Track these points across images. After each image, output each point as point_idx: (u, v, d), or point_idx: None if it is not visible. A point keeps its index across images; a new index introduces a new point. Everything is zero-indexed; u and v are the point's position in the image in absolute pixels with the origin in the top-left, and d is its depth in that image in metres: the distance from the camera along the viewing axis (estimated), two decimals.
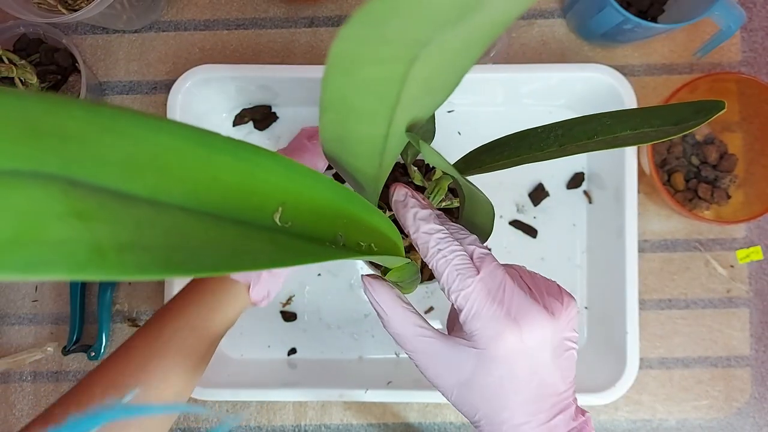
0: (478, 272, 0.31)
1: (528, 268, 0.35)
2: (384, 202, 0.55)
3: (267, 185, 0.22)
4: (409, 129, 0.27)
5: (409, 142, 0.43)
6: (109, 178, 0.17)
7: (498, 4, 0.16)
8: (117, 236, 0.16)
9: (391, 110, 0.22)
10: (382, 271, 0.38)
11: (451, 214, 0.54)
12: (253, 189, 0.21)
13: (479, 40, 0.20)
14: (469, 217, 0.39)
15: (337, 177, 0.66)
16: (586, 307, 0.64)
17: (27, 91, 0.16)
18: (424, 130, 0.43)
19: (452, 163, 0.42)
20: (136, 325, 0.66)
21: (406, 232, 0.35)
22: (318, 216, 0.24)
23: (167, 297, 0.59)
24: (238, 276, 0.48)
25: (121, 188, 0.17)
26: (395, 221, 0.54)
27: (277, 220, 0.22)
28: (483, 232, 0.44)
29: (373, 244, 0.28)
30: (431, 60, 0.19)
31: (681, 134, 0.30)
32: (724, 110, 0.30)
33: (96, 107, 0.17)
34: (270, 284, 0.51)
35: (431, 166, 0.55)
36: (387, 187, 0.55)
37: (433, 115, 0.43)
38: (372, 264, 0.54)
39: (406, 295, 0.57)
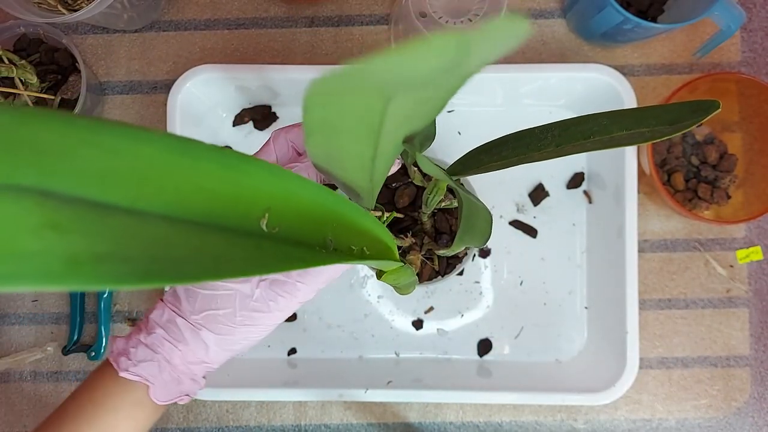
0: None
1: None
2: (380, 203, 0.55)
3: (252, 192, 0.22)
4: (406, 139, 0.27)
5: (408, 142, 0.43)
6: (87, 190, 0.17)
7: (474, 62, 0.16)
8: (94, 247, 0.16)
9: (375, 135, 0.22)
10: (377, 274, 0.38)
11: (450, 214, 0.54)
12: (239, 196, 0.21)
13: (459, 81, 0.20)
14: (467, 220, 0.39)
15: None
16: (586, 307, 0.64)
17: (2, 104, 0.16)
18: (425, 133, 0.43)
19: (452, 162, 0.42)
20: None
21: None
22: (306, 221, 0.24)
23: None
24: (128, 374, 0.38)
25: (100, 199, 0.17)
26: (390, 225, 0.54)
27: (263, 226, 0.22)
28: (482, 235, 0.44)
29: (365, 248, 0.28)
30: (408, 99, 0.19)
31: (676, 134, 0.30)
32: (719, 110, 0.30)
33: (74, 119, 0.17)
34: (181, 382, 0.40)
35: None
36: (385, 186, 0.55)
37: (434, 119, 0.43)
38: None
39: (404, 296, 0.57)
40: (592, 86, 0.59)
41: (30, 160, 0.15)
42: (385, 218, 0.40)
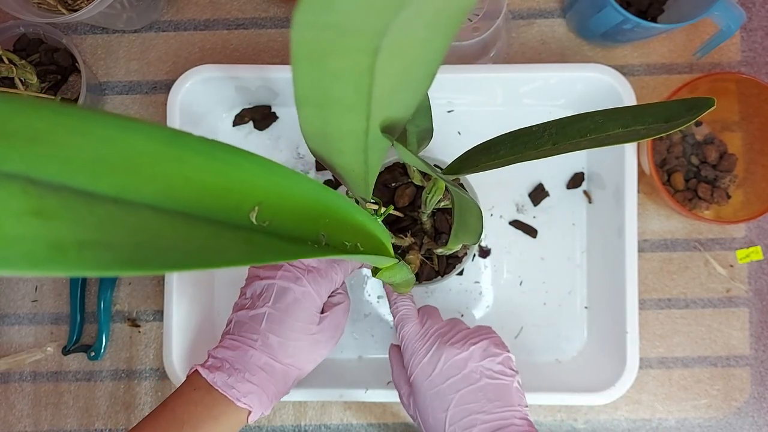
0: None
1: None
2: (377, 197, 0.55)
3: (243, 185, 0.22)
4: (389, 130, 0.26)
5: (407, 142, 0.43)
6: (74, 178, 0.17)
7: None
8: (78, 234, 0.16)
9: (366, 104, 0.21)
10: (372, 271, 0.37)
11: (449, 214, 0.54)
12: (229, 188, 0.21)
13: (441, 31, 0.20)
14: (460, 217, 0.39)
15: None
16: (586, 307, 0.64)
17: None
18: (421, 129, 0.43)
19: (450, 162, 0.42)
20: (136, 325, 0.66)
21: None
22: (298, 215, 0.24)
23: (167, 298, 0.59)
24: (241, 404, 0.44)
25: (86, 187, 0.17)
26: (390, 225, 0.54)
27: (253, 220, 0.22)
28: (474, 232, 0.44)
29: (359, 244, 0.28)
30: (395, 52, 0.19)
31: (672, 131, 0.30)
32: (714, 107, 0.30)
33: (63, 108, 0.17)
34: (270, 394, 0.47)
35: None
36: (385, 186, 0.55)
37: (430, 115, 0.43)
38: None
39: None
40: (591, 86, 0.59)
41: (17, 147, 0.16)
42: (381, 212, 0.40)
